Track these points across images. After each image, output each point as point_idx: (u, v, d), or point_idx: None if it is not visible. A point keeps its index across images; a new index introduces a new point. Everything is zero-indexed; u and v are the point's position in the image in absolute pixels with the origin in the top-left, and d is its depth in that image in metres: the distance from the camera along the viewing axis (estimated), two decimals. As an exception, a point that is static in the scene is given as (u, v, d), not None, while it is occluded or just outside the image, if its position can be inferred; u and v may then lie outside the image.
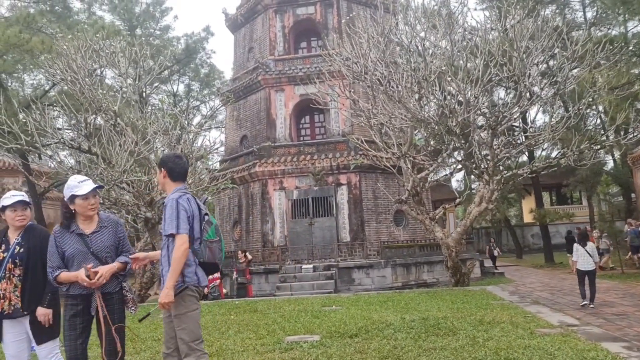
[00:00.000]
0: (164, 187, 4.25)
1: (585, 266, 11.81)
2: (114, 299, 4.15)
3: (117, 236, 4.28)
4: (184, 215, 3.92)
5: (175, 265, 3.83)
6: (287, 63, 22.94)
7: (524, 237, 39.10)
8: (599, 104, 20.38)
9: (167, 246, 4.00)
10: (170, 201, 3.98)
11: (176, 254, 3.84)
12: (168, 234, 3.91)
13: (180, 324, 3.91)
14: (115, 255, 4.23)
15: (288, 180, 21.54)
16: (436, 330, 7.21)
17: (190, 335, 3.90)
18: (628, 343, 5.95)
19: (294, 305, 11.23)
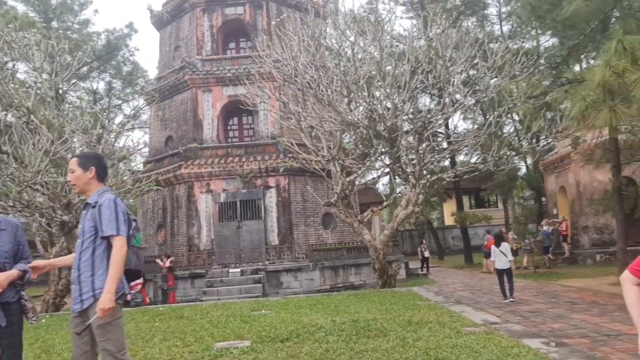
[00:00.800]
0: (87, 187, 3.91)
1: (502, 265, 12.95)
2: (13, 309, 3.78)
3: (16, 241, 3.86)
4: (122, 217, 3.71)
5: (117, 268, 3.58)
6: (215, 63, 22.52)
7: (445, 239, 40.62)
8: (514, 113, 21.56)
9: (92, 249, 3.72)
10: (108, 201, 3.72)
11: (117, 256, 3.60)
12: (107, 235, 3.65)
13: (105, 334, 3.65)
14: (13, 261, 3.85)
15: (215, 182, 21.12)
16: (367, 332, 7.27)
17: (116, 345, 3.66)
18: (546, 339, 6.28)
19: (222, 310, 10.98)
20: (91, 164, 3.88)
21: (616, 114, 6.66)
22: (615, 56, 6.76)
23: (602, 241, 22.39)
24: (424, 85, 13.81)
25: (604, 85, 6.82)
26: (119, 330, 3.72)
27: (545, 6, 13.73)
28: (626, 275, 2.73)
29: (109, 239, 3.66)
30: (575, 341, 7.86)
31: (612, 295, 13.13)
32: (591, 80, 7.06)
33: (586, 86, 7.45)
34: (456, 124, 31.76)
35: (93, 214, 3.74)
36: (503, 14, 33.32)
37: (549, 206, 27.06)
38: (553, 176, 26.02)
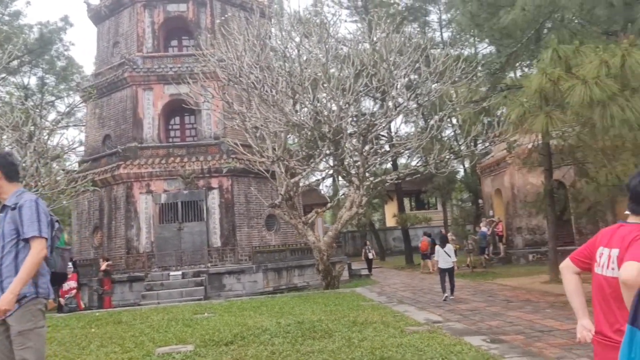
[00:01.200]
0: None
1: (445, 264, 13.63)
2: None
3: None
4: (44, 219, 3.53)
5: (29, 271, 3.36)
6: (156, 61, 21.92)
7: (386, 240, 41.30)
8: (454, 118, 22.22)
9: (14, 254, 3.50)
10: (29, 202, 3.52)
11: (35, 258, 3.40)
12: (29, 236, 3.44)
13: (25, 342, 3.40)
14: None
15: (156, 183, 20.55)
16: (312, 334, 7.26)
17: (36, 355, 3.43)
18: (487, 336, 6.48)
19: (163, 314, 10.67)
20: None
21: (551, 120, 7.01)
22: (550, 64, 7.11)
23: (534, 241, 23.43)
24: (368, 88, 14.01)
25: (540, 92, 7.16)
26: (41, 340, 3.52)
27: (484, 15, 14.23)
28: (567, 262, 2.78)
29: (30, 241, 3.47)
30: (512, 338, 8.17)
31: (543, 293, 13.77)
32: (529, 87, 7.39)
33: (524, 92, 7.80)
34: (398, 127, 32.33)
35: (13, 216, 3.52)
36: (443, 21, 34.33)
37: (486, 208, 28.06)
38: (489, 179, 27.00)
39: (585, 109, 6.66)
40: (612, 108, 6.39)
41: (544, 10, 8.55)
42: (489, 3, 13.38)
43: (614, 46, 6.86)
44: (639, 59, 6.32)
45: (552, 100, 7.29)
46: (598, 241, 2.64)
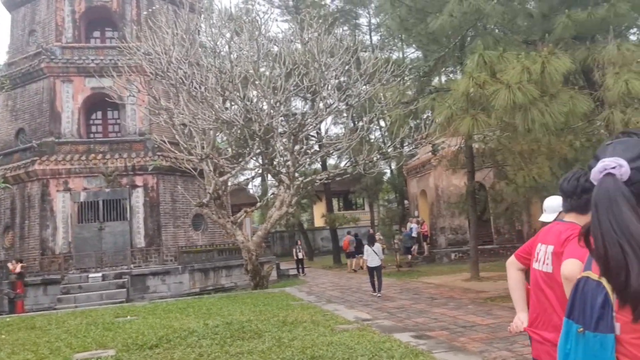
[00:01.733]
0: None
1: (373, 263, 14.25)
2: None
3: None
4: None
5: None
6: (76, 52, 20.80)
7: (315, 240, 41.52)
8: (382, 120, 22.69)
9: None
10: None
11: None
12: None
13: None
14: None
15: (75, 180, 19.49)
16: (241, 334, 7.12)
17: None
18: (414, 332, 6.62)
19: (82, 318, 10.11)
20: None
21: (477, 122, 7.29)
22: (476, 69, 7.40)
23: (456, 241, 24.36)
24: (299, 88, 13.98)
25: (467, 95, 7.43)
26: None
27: (412, 20, 14.60)
28: (512, 259, 2.95)
29: None
30: (437, 333, 8.42)
31: (465, 290, 14.33)
32: (456, 90, 7.65)
33: (451, 95, 8.06)
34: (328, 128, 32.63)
35: None
36: (373, 25, 35.00)
37: (411, 208, 28.86)
38: (415, 180, 27.79)
39: (508, 112, 6.99)
40: (533, 112, 6.74)
41: (470, 17, 8.90)
42: (418, 9, 13.73)
43: (534, 54, 7.25)
44: (558, 66, 6.72)
45: (478, 104, 7.60)
46: (538, 238, 2.77)
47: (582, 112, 7.17)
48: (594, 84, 8.12)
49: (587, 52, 7.71)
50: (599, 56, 7.55)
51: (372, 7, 33.97)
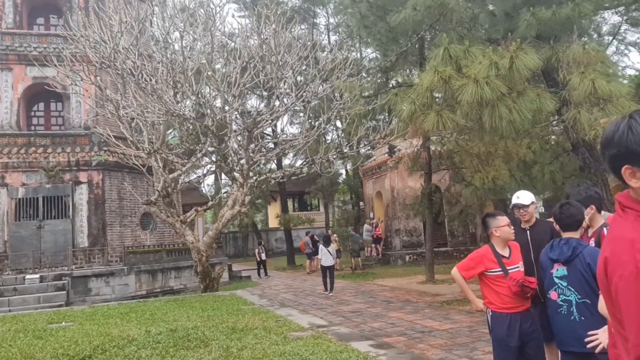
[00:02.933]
0: None
1: (327, 262, 15.06)
2: None
3: None
4: None
5: None
6: (17, 38, 19.51)
7: (268, 241, 40.85)
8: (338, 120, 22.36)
9: None
10: None
11: None
12: None
13: None
14: None
15: (12, 175, 18.23)
16: (186, 343, 6.54)
17: None
18: (374, 341, 6.21)
19: (10, 325, 9.25)
20: None
21: (442, 118, 6.99)
22: (442, 63, 7.11)
23: (411, 243, 24.30)
24: (254, 81, 13.42)
25: (431, 90, 7.13)
26: None
27: (372, 17, 14.33)
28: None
29: None
30: (394, 339, 8.07)
31: (421, 293, 14.12)
32: (420, 85, 7.34)
33: (414, 90, 7.75)
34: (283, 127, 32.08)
35: None
36: (331, 25, 34.75)
37: (367, 210, 28.68)
38: (371, 182, 27.63)
39: (475, 108, 6.71)
40: (501, 109, 6.48)
41: (434, 11, 8.62)
42: (378, 5, 13.46)
43: (501, 49, 7.02)
44: (526, 62, 6.49)
45: (443, 99, 7.30)
46: None
47: (549, 110, 7.00)
48: (557, 84, 8.00)
49: (550, 51, 7.55)
50: (563, 55, 7.41)
51: (331, 6, 33.73)
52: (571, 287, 3.46)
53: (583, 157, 9.53)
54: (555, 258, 3.54)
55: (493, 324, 4.17)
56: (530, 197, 4.48)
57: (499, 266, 4.11)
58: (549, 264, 3.62)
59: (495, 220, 4.21)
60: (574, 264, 3.45)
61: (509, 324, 4.05)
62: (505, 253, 4.19)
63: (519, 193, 4.51)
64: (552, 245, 3.64)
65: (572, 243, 3.50)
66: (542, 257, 3.72)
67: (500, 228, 4.16)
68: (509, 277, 4.05)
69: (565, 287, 3.48)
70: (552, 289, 3.59)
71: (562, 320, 3.52)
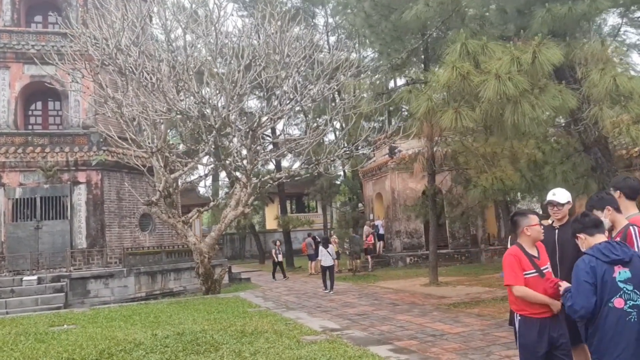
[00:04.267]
0: None
1: (327, 262, 15.83)
2: None
3: None
4: None
5: None
6: (15, 36, 19.22)
7: (266, 243, 40.56)
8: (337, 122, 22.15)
9: None
10: None
11: None
12: None
13: None
14: None
15: (10, 175, 17.93)
16: (195, 347, 6.32)
17: None
18: (392, 345, 6.00)
19: (10, 327, 9.00)
20: None
21: (460, 115, 6.80)
22: (459, 59, 6.92)
23: (411, 245, 24.11)
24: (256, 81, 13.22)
25: (449, 86, 6.94)
26: None
27: (377, 16, 14.15)
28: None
29: None
30: (406, 343, 7.86)
31: (426, 295, 13.92)
32: (437, 81, 7.16)
33: (431, 87, 7.58)
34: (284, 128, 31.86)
35: None
36: (330, 25, 34.58)
37: (367, 211, 28.47)
38: (371, 183, 27.44)
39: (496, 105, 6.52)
40: (524, 105, 6.31)
41: (447, 7, 8.46)
42: (383, 4, 13.28)
43: (520, 45, 6.85)
44: (550, 56, 6.32)
45: (460, 96, 7.12)
46: None
47: (571, 107, 6.83)
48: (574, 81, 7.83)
49: (567, 48, 7.39)
50: (580, 52, 7.25)
51: (330, 7, 33.55)
52: (637, 291, 3.19)
53: (595, 157, 9.37)
54: (620, 257, 3.22)
55: (522, 329, 3.97)
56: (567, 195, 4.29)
57: (533, 267, 3.92)
58: (607, 268, 3.25)
59: (526, 219, 4.03)
60: (633, 264, 3.22)
61: (539, 330, 3.86)
62: (535, 253, 4.01)
63: (555, 190, 4.31)
64: (607, 246, 3.32)
65: (619, 243, 3.31)
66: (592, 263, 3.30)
67: (532, 227, 3.98)
68: (544, 278, 3.86)
69: (632, 291, 3.19)
70: (616, 296, 3.21)
71: (631, 329, 3.17)
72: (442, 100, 7.39)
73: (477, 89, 6.49)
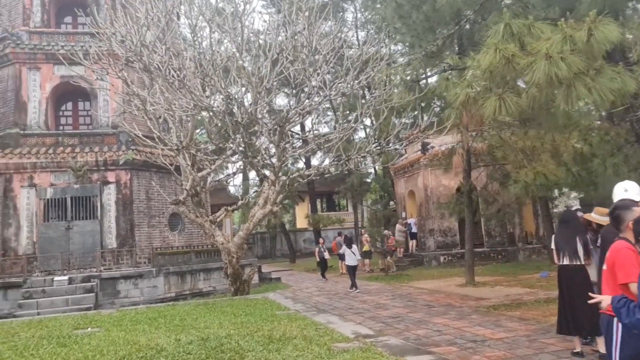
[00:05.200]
0: None
1: (351, 262, 16.41)
2: None
3: None
4: None
5: None
6: (45, 37, 19.33)
7: (296, 242, 40.31)
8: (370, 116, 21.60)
9: None
10: None
11: None
12: None
13: None
14: None
15: (41, 175, 18.02)
16: (219, 354, 5.93)
17: None
18: (433, 356, 5.49)
19: (35, 330, 8.80)
20: None
21: (504, 102, 6.22)
22: (502, 41, 6.35)
23: (445, 243, 23.39)
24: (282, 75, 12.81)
25: (492, 71, 6.37)
26: None
27: (407, 7, 13.60)
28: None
29: None
30: (444, 349, 7.32)
31: (463, 297, 13.27)
32: (478, 66, 6.59)
33: (471, 73, 7.02)
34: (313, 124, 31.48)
35: None
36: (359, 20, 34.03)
37: (398, 209, 27.82)
38: (402, 180, 26.78)
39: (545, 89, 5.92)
40: (579, 88, 5.70)
41: (485, -9, 7.92)
42: (415, -7, 12.74)
43: (573, 22, 6.22)
44: (607, 34, 5.68)
45: (504, 82, 6.54)
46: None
47: (630, 90, 6.17)
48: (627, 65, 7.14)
49: (621, 28, 6.72)
50: (637, 32, 6.58)
51: (359, 0, 32.96)
52: None
53: (649, 148, 8.65)
54: None
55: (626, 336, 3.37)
56: None
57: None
58: None
59: (631, 213, 3.52)
60: None
61: None
62: None
63: (627, 185, 3.70)
64: None
65: None
66: None
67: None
68: None
69: None
70: None
71: None
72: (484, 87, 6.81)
73: (524, 73, 5.90)
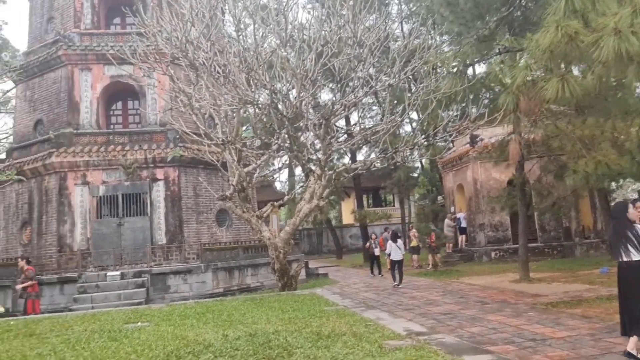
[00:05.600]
0: None
1: (396, 257, 16.02)
2: None
3: None
4: None
5: None
6: (95, 38, 19.83)
7: (343, 238, 40.11)
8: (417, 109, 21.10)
9: None
10: None
11: None
12: None
13: None
14: None
15: (93, 173, 18.51)
16: (267, 351, 5.78)
17: None
18: (493, 356, 5.16)
19: (88, 324, 8.94)
20: None
21: (567, 84, 5.78)
22: (564, 18, 5.91)
23: (496, 238, 22.66)
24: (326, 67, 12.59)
25: (552, 51, 5.93)
26: None
27: (456, -7, 13.13)
28: None
29: None
30: (502, 348, 6.94)
31: (518, 293, 12.72)
32: (537, 46, 6.15)
33: (530, 53, 6.58)
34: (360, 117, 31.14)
35: None
36: (404, 13, 33.42)
37: (447, 204, 27.18)
38: (451, 174, 26.13)
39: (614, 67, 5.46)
40: (652, 65, 5.24)
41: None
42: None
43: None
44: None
45: (566, 62, 6.09)
46: None
47: None
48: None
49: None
50: None
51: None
52: None
53: None
54: None
55: None
56: None
57: None
58: None
59: None
60: None
61: None
62: None
63: None
64: None
65: None
66: None
67: None
68: None
69: None
70: None
71: None
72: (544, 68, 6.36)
73: (589, 51, 5.46)
